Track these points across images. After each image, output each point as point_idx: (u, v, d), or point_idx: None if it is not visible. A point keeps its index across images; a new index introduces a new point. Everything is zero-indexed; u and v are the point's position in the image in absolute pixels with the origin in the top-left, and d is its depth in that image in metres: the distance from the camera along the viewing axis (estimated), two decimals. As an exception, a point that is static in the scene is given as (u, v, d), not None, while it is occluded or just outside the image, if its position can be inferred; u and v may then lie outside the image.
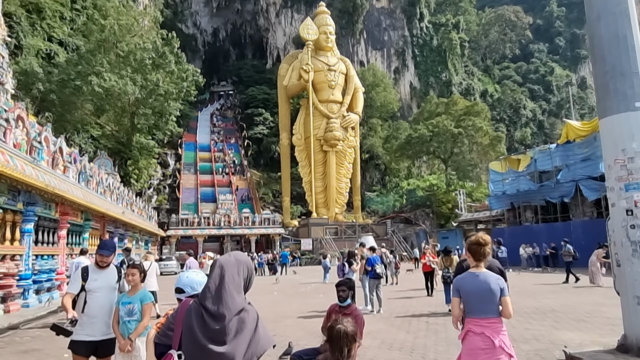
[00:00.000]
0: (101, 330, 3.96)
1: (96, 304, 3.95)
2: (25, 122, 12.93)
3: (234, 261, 2.29)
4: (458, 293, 3.41)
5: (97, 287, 3.99)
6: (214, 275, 2.22)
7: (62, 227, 15.91)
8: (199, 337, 2.11)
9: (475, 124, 49.30)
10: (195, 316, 2.16)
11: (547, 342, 6.55)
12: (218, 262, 2.28)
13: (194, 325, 2.14)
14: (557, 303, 10.39)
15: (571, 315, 8.72)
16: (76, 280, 4.04)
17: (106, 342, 3.95)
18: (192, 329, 2.15)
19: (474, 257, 3.45)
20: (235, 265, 2.26)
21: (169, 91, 38.15)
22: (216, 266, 2.25)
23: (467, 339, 3.32)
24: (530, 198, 29.68)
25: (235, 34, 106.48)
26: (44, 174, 12.91)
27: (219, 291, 2.17)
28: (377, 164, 68.58)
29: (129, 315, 3.94)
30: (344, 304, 4.35)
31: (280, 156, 53.70)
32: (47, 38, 44.40)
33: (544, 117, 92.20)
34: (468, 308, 3.35)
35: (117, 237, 24.83)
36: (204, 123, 78.12)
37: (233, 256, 2.34)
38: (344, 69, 50.86)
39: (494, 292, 3.27)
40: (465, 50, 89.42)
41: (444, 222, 49.22)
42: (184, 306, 2.29)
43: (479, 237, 3.48)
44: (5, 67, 14.21)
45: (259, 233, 46.00)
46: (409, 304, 11.67)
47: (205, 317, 2.13)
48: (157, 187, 56.23)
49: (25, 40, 41.03)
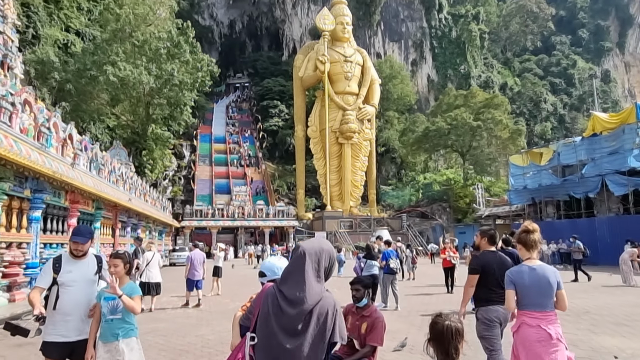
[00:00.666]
0: (77, 330, 3.40)
1: (71, 299, 3.39)
2: (33, 107, 12.58)
3: (317, 248, 2.25)
4: (514, 286, 3.33)
5: (72, 280, 3.42)
6: (294, 261, 2.21)
7: (72, 216, 15.60)
8: (272, 322, 2.12)
9: (494, 117, 48.06)
10: (272, 301, 2.16)
11: (588, 349, 5.89)
12: (300, 247, 2.25)
13: (269, 309, 2.15)
14: (590, 304, 9.68)
15: (609, 318, 8.02)
16: (46, 273, 3.47)
17: (83, 343, 3.39)
18: (267, 313, 2.16)
19: (525, 246, 3.43)
20: (318, 251, 2.23)
21: (183, 81, 37.83)
22: (298, 251, 2.23)
23: (521, 331, 3.28)
24: (552, 193, 28.66)
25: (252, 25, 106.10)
26: (52, 161, 12.55)
27: (297, 277, 2.16)
28: (393, 158, 67.67)
29: (112, 313, 3.37)
30: (360, 304, 3.76)
31: (295, 148, 53.19)
32: (65, 28, 44.50)
33: (565, 111, 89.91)
34: (524, 301, 3.30)
35: (130, 226, 24.65)
36: (220, 115, 78.08)
37: (317, 242, 2.31)
38: (360, 60, 49.97)
39: (552, 286, 3.27)
40: (485, 42, 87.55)
41: (461, 217, 48.23)
42: (263, 290, 2.31)
43: (526, 225, 3.47)
44: (14, 52, 13.86)
45: (273, 225, 45.70)
46: (428, 300, 11.05)
47: (280, 303, 2.13)
48: (172, 178, 56.34)
49: (43, 30, 41.12)
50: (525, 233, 3.41)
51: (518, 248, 3.52)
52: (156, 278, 10.41)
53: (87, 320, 3.46)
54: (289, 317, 2.09)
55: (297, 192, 51.03)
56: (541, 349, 3.14)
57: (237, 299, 11.95)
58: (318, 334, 2.11)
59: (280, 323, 2.10)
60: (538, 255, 3.49)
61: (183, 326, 8.09)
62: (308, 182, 51.99)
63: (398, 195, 58.92)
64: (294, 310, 2.09)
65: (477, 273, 4.34)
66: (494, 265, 4.33)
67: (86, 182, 15.30)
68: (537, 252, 3.45)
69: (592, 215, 26.02)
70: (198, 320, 8.76)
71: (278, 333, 2.09)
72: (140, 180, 30.83)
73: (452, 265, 12.35)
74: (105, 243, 20.34)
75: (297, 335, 2.08)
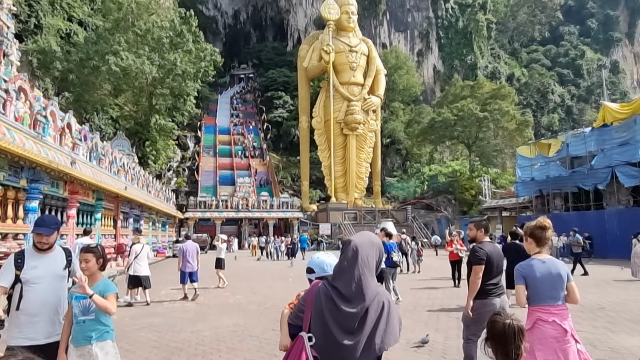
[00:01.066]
0: (45, 332, 3.05)
1: (37, 298, 3.02)
2: (29, 95, 12.25)
3: (368, 242, 2.19)
4: (524, 280, 3.27)
5: (37, 277, 3.05)
6: (348, 256, 2.14)
7: (72, 207, 15.35)
8: (328, 321, 2.07)
9: (501, 108, 47.37)
10: (325, 299, 2.11)
11: (607, 349, 5.52)
12: (352, 242, 2.18)
13: (323, 308, 2.10)
14: (604, 299, 9.29)
15: (625, 315, 7.62)
16: (7, 270, 3.07)
17: (53, 346, 3.03)
18: (322, 312, 2.10)
19: (537, 242, 3.37)
20: (369, 246, 2.18)
21: (186, 71, 37.41)
22: (350, 246, 2.16)
23: (538, 328, 3.18)
24: (560, 185, 28.14)
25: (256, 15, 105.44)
26: (49, 150, 12.24)
27: (352, 273, 2.09)
28: (398, 149, 67.14)
29: (84, 314, 3.00)
30: None
31: (299, 140, 52.77)
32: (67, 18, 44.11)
33: (572, 102, 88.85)
34: (537, 296, 3.23)
35: (132, 218, 24.44)
36: (224, 106, 77.67)
37: (366, 237, 2.24)
38: (365, 50, 49.32)
39: (563, 279, 3.24)
40: (492, 32, 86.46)
41: (466, 209, 47.76)
42: (313, 288, 2.25)
43: (541, 221, 3.40)
44: (10, 38, 13.52)
45: (277, 217, 45.46)
46: (434, 295, 10.69)
47: (336, 300, 2.08)
48: (177, 170, 56.16)
49: (45, 20, 40.74)
50: (540, 229, 3.36)
51: (528, 242, 3.42)
52: (144, 271, 10.04)
53: (57, 321, 3.10)
54: (346, 315, 2.05)
55: (302, 184, 50.72)
56: (557, 345, 3.09)
57: (238, 292, 11.67)
58: (375, 329, 2.08)
59: (336, 320, 2.06)
60: (548, 251, 3.48)
61: (179, 321, 7.78)
62: (312, 173, 51.66)
63: (403, 187, 58.49)
64: (351, 307, 2.06)
65: (483, 264, 4.22)
66: (494, 256, 4.30)
67: (85, 172, 15.00)
68: (547, 248, 3.42)
69: (601, 208, 25.51)
70: (195, 314, 8.46)
71: (335, 331, 2.05)
72: (143, 171, 30.58)
73: (459, 258, 11.97)
74: (106, 234, 20.13)
75: (355, 332, 2.05)
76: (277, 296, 10.81)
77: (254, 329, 7.01)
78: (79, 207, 16.08)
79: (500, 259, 4.39)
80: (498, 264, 4.32)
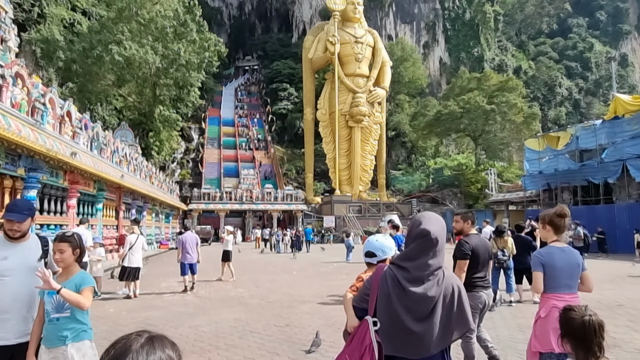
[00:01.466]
0: (17, 331, 2.69)
1: (7, 292, 2.67)
2: (26, 81, 11.92)
3: (439, 224, 2.10)
4: (542, 267, 3.23)
5: (8, 269, 2.69)
6: (419, 239, 2.04)
7: (72, 196, 15.07)
8: (396, 306, 2.00)
9: (509, 101, 46.72)
10: (393, 283, 2.05)
11: (632, 350, 5.14)
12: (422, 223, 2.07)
13: (390, 292, 2.04)
14: (622, 296, 8.90)
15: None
16: None
17: (25, 347, 2.68)
18: (389, 296, 2.04)
19: (556, 230, 3.37)
20: (441, 228, 2.08)
21: (190, 61, 36.98)
22: (420, 229, 2.05)
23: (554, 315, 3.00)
24: (569, 178, 27.65)
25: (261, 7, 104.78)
26: (47, 138, 11.93)
27: (425, 256, 2.01)
28: (404, 142, 66.60)
29: (58, 311, 2.65)
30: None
31: (304, 132, 52.37)
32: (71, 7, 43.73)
33: (580, 95, 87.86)
34: (553, 283, 3.20)
35: (134, 208, 24.18)
36: (229, 98, 77.31)
37: (435, 218, 2.14)
38: (371, 42, 48.73)
39: (579, 267, 3.26)
40: (499, 25, 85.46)
41: (472, 202, 47.33)
42: (378, 271, 2.18)
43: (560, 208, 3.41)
44: (8, 23, 13.16)
45: (281, 209, 45.18)
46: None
47: (404, 284, 2.01)
48: (181, 161, 55.96)
49: (49, 9, 40.40)
50: (559, 217, 3.36)
51: (546, 229, 3.40)
52: (136, 263, 9.69)
53: (31, 318, 2.75)
54: (416, 299, 1.98)
55: (306, 176, 50.39)
56: None
57: (240, 285, 11.35)
58: (445, 315, 2.01)
59: (405, 306, 1.99)
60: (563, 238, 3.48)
61: (177, 315, 7.46)
62: (317, 166, 51.34)
63: (408, 180, 58.06)
64: (423, 291, 1.98)
65: (468, 258, 4.20)
66: (481, 249, 4.27)
67: (85, 161, 14.71)
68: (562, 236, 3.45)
69: (611, 202, 25.02)
70: (195, 308, 8.14)
71: (404, 316, 1.98)
72: (147, 162, 30.31)
73: (469, 252, 11.61)
74: (108, 225, 19.89)
75: (426, 318, 1.97)
76: (280, 290, 10.49)
77: (256, 325, 6.67)
78: (79, 197, 15.81)
79: (487, 252, 4.38)
80: (484, 257, 4.29)
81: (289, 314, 7.44)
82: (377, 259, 2.67)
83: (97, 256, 9.82)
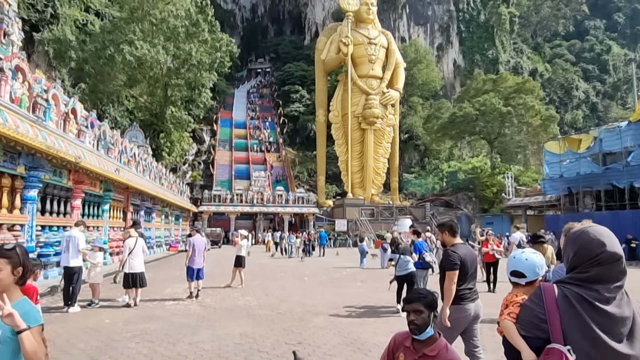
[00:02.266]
0: None
1: None
2: (27, 75, 11.39)
3: (615, 239, 1.90)
4: None
5: None
6: (604, 261, 1.83)
7: (76, 197, 14.52)
8: (595, 328, 1.77)
9: (526, 103, 45.58)
10: (580, 304, 1.81)
11: None
12: (604, 244, 1.83)
13: (582, 314, 1.80)
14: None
15: None
16: None
17: None
18: (581, 319, 1.80)
19: None
20: (618, 244, 1.90)
21: (202, 61, 36.61)
22: (603, 249, 1.83)
23: None
24: (592, 182, 26.59)
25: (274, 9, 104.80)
26: (48, 135, 11.38)
27: (611, 280, 1.83)
28: (417, 145, 65.68)
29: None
30: (422, 336, 2.28)
31: (316, 134, 51.76)
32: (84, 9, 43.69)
33: (597, 98, 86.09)
34: None
35: (143, 210, 23.66)
36: (241, 100, 77.21)
37: (610, 233, 1.92)
38: (385, 43, 48.00)
39: None
40: (514, 26, 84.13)
41: (487, 206, 46.25)
42: (549, 292, 1.91)
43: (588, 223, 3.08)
44: (11, 16, 12.69)
45: (293, 212, 44.56)
46: (467, 301, 9.52)
47: (595, 305, 1.79)
48: (192, 163, 55.70)
49: (62, 10, 40.34)
50: None
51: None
52: (139, 267, 9.00)
53: None
54: (616, 320, 1.78)
55: (318, 179, 49.74)
56: None
57: (248, 293, 10.66)
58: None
59: (605, 329, 1.77)
60: None
61: (178, 328, 6.75)
62: (329, 168, 50.69)
63: (421, 184, 57.14)
64: (619, 311, 1.79)
65: (457, 269, 4.01)
66: (468, 259, 4.11)
67: (90, 160, 14.15)
68: None
69: (637, 207, 23.93)
70: (198, 319, 7.42)
71: (606, 341, 1.76)
72: (156, 162, 29.85)
73: (495, 260, 10.78)
74: (115, 227, 19.35)
75: (630, 339, 1.78)
76: (291, 298, 9.77)
77: (264, 342, 5.92)
78: (84, 198, 15.28)
79: (474, 262, 4.25)
80: (472, 267, 4.16)
81: (301, 328, 6.71)
82: (526, 280, 2.42)
83: (95, 260, 9.19)
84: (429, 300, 2.29)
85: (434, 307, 2.32)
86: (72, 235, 8.25)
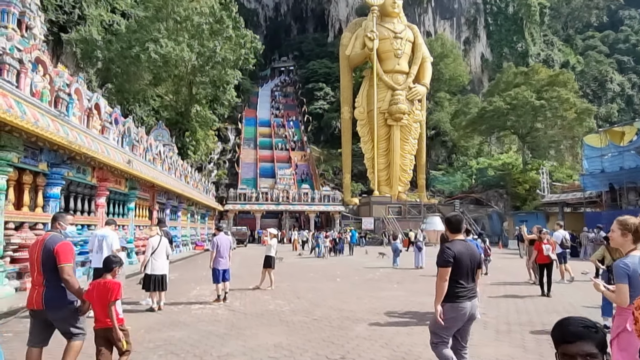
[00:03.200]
0: None
1: None
2: (48, 68, 10.99)
3: None
4: (628, 279, 3.06)
5: None
6: None
7: (101, 195, 14.16)
8: None
9: (560, 96, 43.70)
10: None
11: None
12: None
13: None
14: None
15: None
16: None
17: None
18: None
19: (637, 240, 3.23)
20: None
21: (226, 58, 36.32)
22: None
23: None
24: (637, 177, 25.02)
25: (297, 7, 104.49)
26: (70, 130, 10.95)
27: None
28: (444, 141, 64.18)
29: None
30: None
31: (341, 132, 50.99)
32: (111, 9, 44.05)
33: (633, 91, 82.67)
34: (634, 294, 2.97)
35: (169, 208, 23.36)
36: (265, 99, 77.19)
37: None
38: (411, 37, 46.87)
39: None
40: (544, 18, 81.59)
41: (519, 203, 44.59)
42: None
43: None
44: (33, 10, 12.36)
45: (318, 210, 43.97)
46: (523, 307, 8.62)
47: None
48: (217, 162, 55.74)
49: (89, 10, 40.70)
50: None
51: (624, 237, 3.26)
52: (162, 269, 8.35)
53: None
54: None
55: (343, 177, 49.00)
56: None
57: (279, 296, 9.97)
58: None
59: None
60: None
61: (205, 337, 6.08)
62: (354, 166, 49.91)
63: (449, 181, 55.68)
64: None
65: (449, 266, 3.86)
66: (465, 255, 3.93)
67: (114, 157, 13.74)
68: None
69: (688, 204, 22.38)
70: (227, 327, 6.74)
71: None
72: (182, 161, 29.62)
73: (550, 261, 9.83)
74: (141, 225, 19.00)
75: None
76: (326, 302, 9.04)
77: (302, 357, 5.16)
78: (109, 196, 14.92)
79: (475, 258, 4.02)
80: (470, 265, 3.95)
81: (342, 339, 5.96)
82: None
83: (118, 261, 8.63)
84: (599, 339, 1.51)
85: (606, 346, 1.54)
86: (105, 235, 7.67)
